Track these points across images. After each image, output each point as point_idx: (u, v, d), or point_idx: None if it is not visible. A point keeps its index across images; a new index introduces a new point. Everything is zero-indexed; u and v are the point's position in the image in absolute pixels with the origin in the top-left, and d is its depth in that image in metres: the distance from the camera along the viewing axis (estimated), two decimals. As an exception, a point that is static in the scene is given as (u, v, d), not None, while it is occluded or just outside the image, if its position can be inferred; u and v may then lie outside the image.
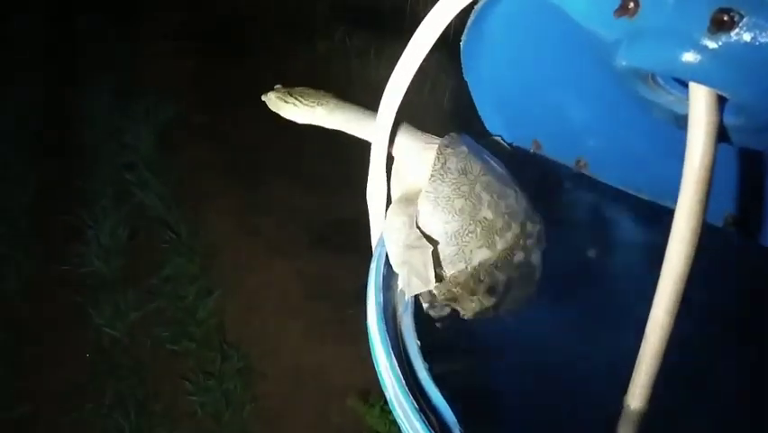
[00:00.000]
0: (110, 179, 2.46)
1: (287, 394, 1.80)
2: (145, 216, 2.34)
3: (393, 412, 0.51)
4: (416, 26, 0.55)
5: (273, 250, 2.16)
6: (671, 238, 0.44)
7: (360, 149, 0.68)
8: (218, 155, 2.56)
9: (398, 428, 0.51)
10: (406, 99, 0.60)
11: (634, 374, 0.50)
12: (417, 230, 0.60)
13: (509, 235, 0.60)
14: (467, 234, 0.59)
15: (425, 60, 0.56)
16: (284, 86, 0.66)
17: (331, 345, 1.86)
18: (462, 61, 0.67)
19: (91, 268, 2.16)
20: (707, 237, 0.45)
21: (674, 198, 0.48)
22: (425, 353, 0.57)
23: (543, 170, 0.74)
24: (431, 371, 0.55)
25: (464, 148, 0.61)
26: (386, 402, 0.53)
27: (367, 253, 0.65)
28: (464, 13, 0.59)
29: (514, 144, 0.76)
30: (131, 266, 2.19)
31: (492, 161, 0.62)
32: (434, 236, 0.60)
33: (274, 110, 0.65)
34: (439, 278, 0.61)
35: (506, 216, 0.60)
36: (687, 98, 0.40)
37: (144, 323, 2.02)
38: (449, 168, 0.60)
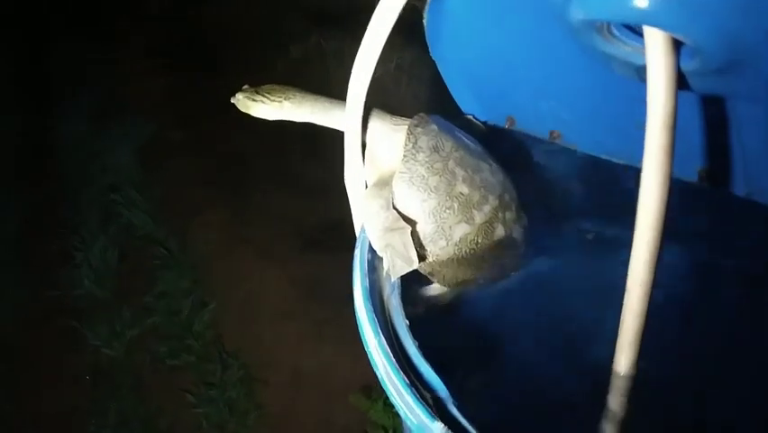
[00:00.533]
0: (95, 201, 2.45)
1: (289, 399, 1.79)
2: (134, 234, 2.33)
3: (386, 391, 0.51)
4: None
5: (264, 257, 2.15)
6: (641, 189, 0.44)
7: (340, 150, 0.68)
8: (201, 168, 2.55)
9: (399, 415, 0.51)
10: (381, 85, 0.60)
11: (619, 336, 0.50)
12: (395, 212, 0.61)
13: (487, 208, 0.60)
14: (445, 211, 0.60)
15: (396, 44, 0.56)
16: (251, 86, 0.67)
17: (330, 346, 1.86)
18: (428, 40, 0.67)
19: (83, 291, 2.15)
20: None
21: None
22: (415, 331, 0.58)
23: (517, 144, 0.75)
24: (421, 348, 0.55)
25: (434, 126, 0.61)
26: (389, 397, 0.53)
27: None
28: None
29: (488, 122, 0.77)
30: (123, 285, 2.18)
31: (464, 138, 0.63)
32: (413, 216, 0.61)
33: (243, 110, 0.66)
34: (422, 257, 0.61)
35: (482, 190, 0.60)
36: (644, 47, 0.41)
37: (141, 341, 2.02)
38: (420, 147, 0.60)
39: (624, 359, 0.51)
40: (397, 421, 1.45)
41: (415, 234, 0.60)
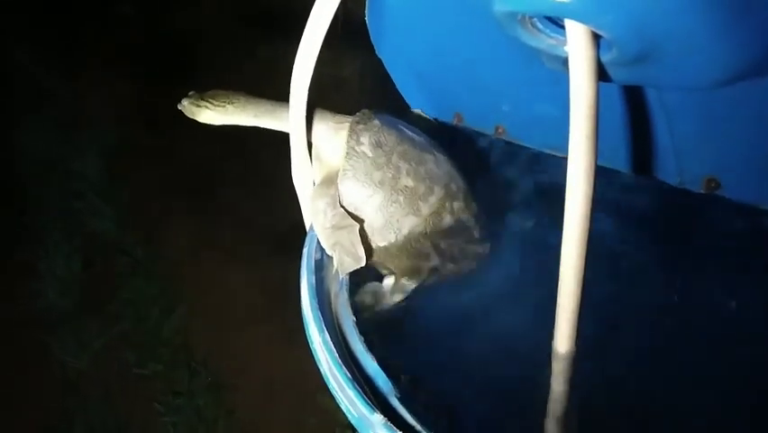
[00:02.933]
0: (58, 210, 2.40)
1: (260, 404, 1.78)
2: (99, 243, 2.29)
3: (328, 386, 0.52)
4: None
5: (233, 261, 2.14)
6: (568, 176, 0.45)
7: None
8: (168, 175, 2.52)
9: None
10: (324, 85, 0.61)
11: (556, 318, 0.52)
12: (342, 210, 0.61)
13: (433, 199, 0.61)
14: (391, 205, 0.60)
15: (346, 44, 0.57)
16: (197, 92, 0.68)
17: (300, 350, 1.81)
18: (372, 39, 0.68)
19: (47, 302, 2.10)
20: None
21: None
22: (362, 328, 0.58)
23: (464, 140, 0.76)
24: (367, 343, 0.56)
25: (376, 122, 0.62)
26: (331, 392, 0.53)
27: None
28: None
29: (437, 119, 0.78)
30: (89, 295, 2.14)
31: (408, 131, 0.63)
32: (360, 212, 0.61)
33: (190, 116, 0.67)
34: (372, 252, 0.62)
35: (427, 181, 0.61)
36: (565, 39, 0.42)
37: (109, 350, 1.98)
38: (363, 143, 0.61)
39: (562, 339, 0.52)
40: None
41: (363, 230, 0.61)
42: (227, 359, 1.90)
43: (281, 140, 0.71)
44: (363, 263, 0.60)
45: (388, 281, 0.66)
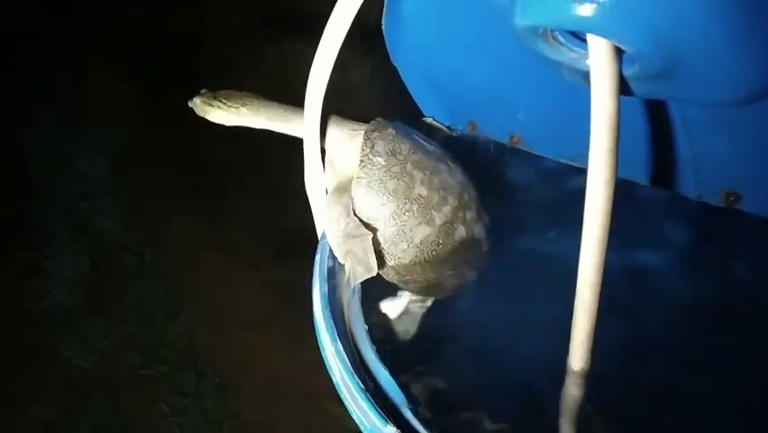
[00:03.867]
0: (65, 209, 2.41)
1: (265, 406, 1.78)
2: (105, 243, 2.29)
3: (340, 396, 0.51)
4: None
5: (238, 263, 2.14)
6: (587, 189, 0.45)
7: None
8: (173, 175, 2.53)
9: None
10: (342, 93, 0.61)
11: (572, 334, 0.51)
12: (355, 218, 0.61)
13: (447, 209, 0.61)
14: (404, 214, 0.60)
15: (357, 50, 0.57)
16: (209, 90, 0.67)
17: (306, 352, 1.84)
18: (387, 46, 0.68)
19: (54, 302, 2.11)
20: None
21: None
22: (374, 337, 0.58)
23: (479, 148, 0.76)
24: (379, 353, 0.56)
25: (391, 131, 0.62)
26: (343, 402, 0.53)
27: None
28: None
29: (451, 127, 0.78)
30: (95, 295, 2.15)
31: (422, 140, 0.63)
32: (372, 221, 0.61)
33: (201, 115, 0.66)
34: (384, 262, 0.62)
35: (441, 191, 0.61)
36: (587, 53, 0.42)
37: (114, 351, 1.99)
38: (377, 151, 0.60)
39: (578, 356, 0.52)
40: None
41: (375, 239, 0.61)
42: (232, 361, 1.90)
43: (286, 142, 0.71)
44: (375, 273, 0.60)
45: (403, 299, 0.66)
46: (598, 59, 0.41)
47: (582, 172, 0.68)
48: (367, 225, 0.61)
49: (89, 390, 1.90)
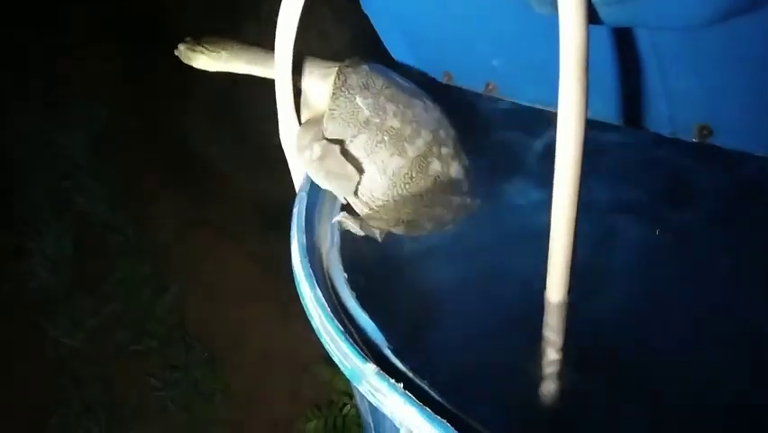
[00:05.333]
0: (48, 190, 2.38)
1: (256, 377, 1.79)
2: (89, 222, 2.27)
3: (321, 341, 0.51)
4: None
5: (224, 238, 2.13)
6: (559, 123, 0.45)
7: None
8: (157, 153, 2.50)
9: None
10: (315, 44, 0.60)
11: (548, 268, 0.51)
12: (323, 140, 0.61)
13: (420, 142, 0.60)
14: (376, 145, 0.60)
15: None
16: (193, 38, 0.68)
17: (294, 322, 1.85)
18: (358, -6, 0.66)
19: (39, 282, 2.09)
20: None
21: None
22: (354, 284, 0.58)
23: (455, 99, 0.75)
24: (359, 299, 0.56)
25: (365, 66, 0.62)
26: (323, 346, 0.53)
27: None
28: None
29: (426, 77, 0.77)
30: (81, 274, 2.13)
31: (398, 78, 0.63)
32: (344, 154, 0.60)
33: (186, 61, 0.67)
34: (356, 194, 0.61)
35: (414, 124, 0.60)
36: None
37: (103, 329, 1.98)
38: (350, 85, 0.60)
39: (554, 288, 0.52)
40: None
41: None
42: (222, 334, 1.90)
43: (269, 114, 0.71)
44: (356, 178, 0.60)
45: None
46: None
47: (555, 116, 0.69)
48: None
49: (79, 368, 1.90)
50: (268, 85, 0.70)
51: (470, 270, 0.63)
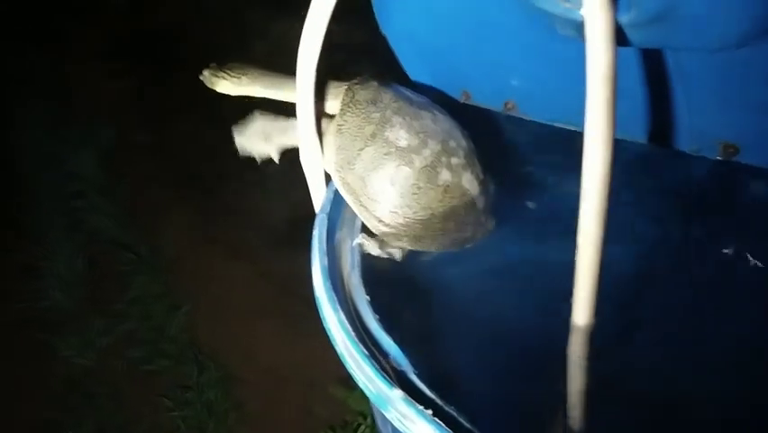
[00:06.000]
0: (58, 209, 2.39)
1: (269, 395, 1.78)
2: (101, 241, 2.28)
3: (345, 365, 0.50)
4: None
5: (235, 255, 2.13)
6: (585, 144, 0.44)
7: None
8: (166, 170, 2.51)
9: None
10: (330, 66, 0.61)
11: (574, 290, 0.50)
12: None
13: (427, 152, 0.60)
14: (383, 157, 0.60)
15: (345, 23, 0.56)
16: (217, 63, 0.70)
17: (306, 340, 1.84)
18: (376, 15, 0.67)
19: (51, 302, 2.10)
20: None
21: None
22: (377, 307, 0.57)
23: (474, 118, 0.75)
24: (382, 322, 0.55)
25: (374, 83, 0.62)
26: (348, 370, 0.52)
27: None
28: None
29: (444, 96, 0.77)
30: (93, 293, 2.14)
31: (408, 92, 0.63)
32: (352, 167, 0.61)
33: (209, 86, 0.69)
34: (364, 209, 0.61)
35: (421, 135, 0.60)
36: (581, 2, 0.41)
37: (115, 348, 1.98)
38: (357, 100, 0.61)
39: (581, 311, 0.51)
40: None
41: (355, 186, 0.61)
42: (234, 352, 1.89)
43: None
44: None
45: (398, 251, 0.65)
46: (592, 6, 0.40)
47: (578, 135, 0.68)
48: (347, 171, 0.61)
49: (91, 388, 1.89)
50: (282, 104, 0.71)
51: (494, 291, 0.62)
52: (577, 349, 0.53)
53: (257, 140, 0.71)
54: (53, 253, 2.21)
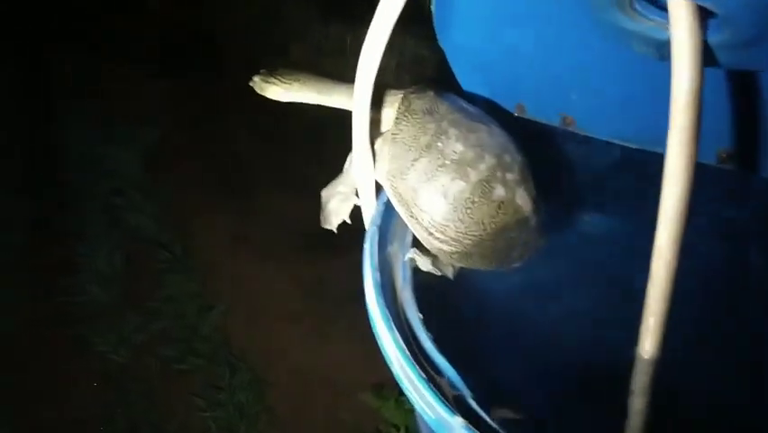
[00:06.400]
0: (99, 206, 2.43)
1: (299, 399, 1.78)
2: (138, 239, 2.31)
3: (402, 387, 0.49)
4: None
5: (269, 258, 2.14)
6: (665, 170, 0.42)
7: (340, 152, 0.69)
8: (205, 171, 2.54)
9: (413, 413, 0.49)
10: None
11: (642, 321, 0.48)
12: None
13: (483, 166, 0.58)
14: (437, 169, 0.59)
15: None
16: (267, 69, 0.70)
17: (337, 345, 1.84)
18: (435, 27, 0.65)
19: (88, 297, 2.13)
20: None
21: (664, 143, 0.46)
22: (429, 324, 0.56)
23: (528, 131, 0.73)
24: (436, 341, 0.54)
25: (430, 92, 0.62)
26: (401, 394, 0.51)
27: (360, 251, 0.65)
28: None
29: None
30: (129, 290, 2.16)
31: (464, 103, 0.62)
32: (405, 177, 0.60)
33: (259, 92, 0.69)
34: (416, 221, 0.60)
35: (477, 149, 0.59)
36: (667, 21, 0.39)
37: (149, 345, 2.00)
38: (413, 109, 0.60)
39: (648, 344, 0.49)
40: (409, 419, 1.43)
41: (407, 196, 0.61)
42: (264, 355, 1.90)
43: (315, 137, 0.72)
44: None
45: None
46: (682, 25, 0.38)
47: (643, 153, 0.66)
48: (399, 181, 0.61)
49: (125, 384, 1.91)
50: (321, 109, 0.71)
51: (549, 313, 0.60)
52: (640, 382, 0.51)
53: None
54: (92, 249, 2.25)
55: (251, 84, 0.68)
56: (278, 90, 0.67)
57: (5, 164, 2.67)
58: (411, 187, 0.60)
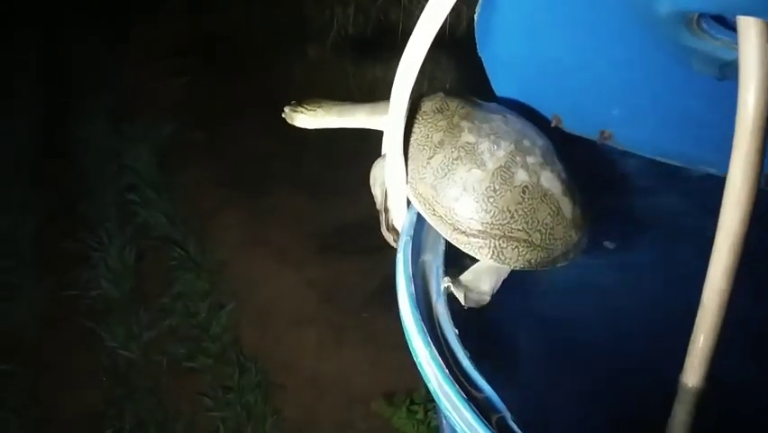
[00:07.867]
0: (113, 201, 2.43)
1: (308, 404, 1.76)
2: (151, 235, 2.31)
3: (439, 404, 0.48)
4: (409, 25, 0.54)
5: (282, 259, 2.13)
6: (725, 195, 0.41)
7: (354, 153, 0.70)
8: (219, 170, 2.54)
9: (425, 423, 0.48)
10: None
11: (689, 348, 0.47)
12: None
13: (500, 153, 0.58)
14: (453, 162, 0.59)
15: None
16: (297, 101, 0.74)
17: (348, 350, 1.83)
18: (476, 36, 0.64)
19: (100, 291, 2.13)
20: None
21: (711, 162, 0.45)
22: (465, 341, 0.55)
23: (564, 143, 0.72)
24: (474, 360, 0.53)
25: (440, 93, 0.63)
26: (412, 403, 0.50)
27: (374, 255, 0.65)
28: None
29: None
30: (141, 286, 2.16)
31: (476, 100, 0.63)
32: (423, 176, 0.60)
33: (290, 122, 0.73)
34: (440, 218, 0.60)
35: (492, 137, 0.59)
36: (736, 41, 0.38)
37: (158, 342, 1.99)
38: (424, 111, 0.62)
39: (692, 373, 0.48)
40: (420, 429, 1.42)
41: (427, 195, 0.61)
42: (275, 357, 1.89)
43: (329, 139, 0.75)
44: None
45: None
46: (751, 45, 0.37)
47: (687, 171, 0.65)
48: (418, 182, 0.61)
49: (134, 380, 1.91)
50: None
51: (590, 327, 0.59)
52: (682, 412, 0.49)
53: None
54: (105, 244, 2.24)
55: (283, 115, 0.73)
56: (305, 118, 0.71)
57: (23, 156, 2.68)
58: (429, 185, 0.60)
